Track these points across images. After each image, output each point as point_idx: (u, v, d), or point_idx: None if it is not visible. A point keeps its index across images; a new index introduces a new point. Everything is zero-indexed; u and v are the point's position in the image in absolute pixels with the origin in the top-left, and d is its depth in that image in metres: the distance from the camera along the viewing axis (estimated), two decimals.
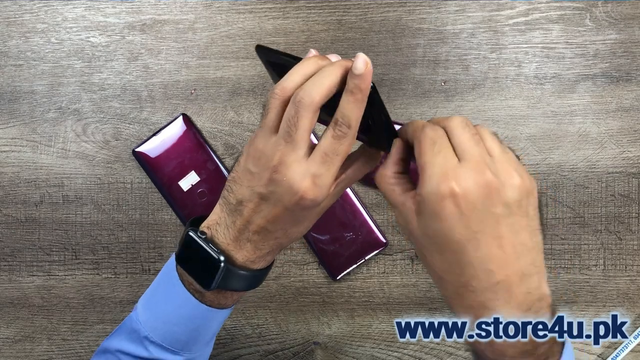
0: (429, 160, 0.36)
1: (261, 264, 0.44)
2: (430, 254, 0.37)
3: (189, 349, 0.48)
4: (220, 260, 0.41)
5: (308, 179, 0.38)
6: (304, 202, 0.39)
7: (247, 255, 0.43)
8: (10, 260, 0.68)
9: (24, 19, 0.67)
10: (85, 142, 0.68)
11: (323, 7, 0.67)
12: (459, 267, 0.36)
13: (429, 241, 0.37)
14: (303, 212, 0.41)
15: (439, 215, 0.35)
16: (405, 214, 0.37)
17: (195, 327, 0.46)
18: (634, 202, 0.66)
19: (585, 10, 0.66)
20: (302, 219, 0.42)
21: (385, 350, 0.68)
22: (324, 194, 0.39)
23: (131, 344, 0.48)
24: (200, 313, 0.45)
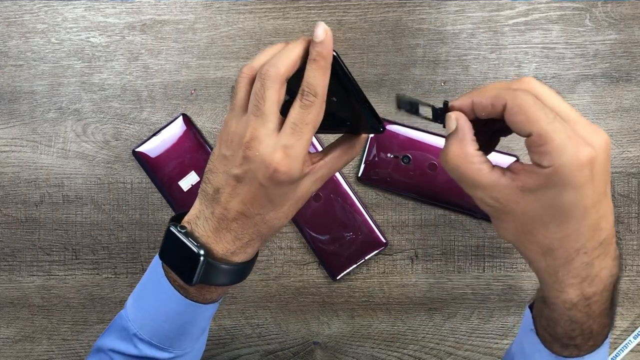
0: (550, 128, 0.33)
1: (242, 256, 0.43)
2: (547, 227, 0.35)
3: (178, 345, 0.47)
4: (200, 254, 0.41)
5: (279, 151, 0.38)
6: (277, 176, 0.38)
7: (227, 247, 0.42)
8: (10, 260, 0.68)
9: (24, 19, 0.67)
10: (86, 142, 0.68)
11: (323, 7, 0.67)
12: (577, 233, 0.35)
13: (550, 213, 0.34)
14: (278, 190, 0.40)
15: (575, 184, 0.33)
16: (502, 193, 0.35)
17: (182, 323, 0.46)
18: (633, 202, 0.66)
19: (585, 11, 0.66)
20: (278, 201, 0.41)
21: (385, 350, 0.68)
22: (297, 167, 0.39)
23: (122, 342, 0.48)
24: (186, 309, 0.45)
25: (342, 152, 0.42)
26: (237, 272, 0.44)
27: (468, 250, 0.67)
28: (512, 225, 0.36)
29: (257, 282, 0.68)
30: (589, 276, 0.37)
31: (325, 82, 0.38)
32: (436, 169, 0.65)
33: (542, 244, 0.36)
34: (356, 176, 0.66)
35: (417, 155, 0.65)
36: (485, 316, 0.67)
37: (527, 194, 0.34)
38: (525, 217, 0.35)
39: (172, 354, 0.47)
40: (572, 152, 0.33)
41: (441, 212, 0.67)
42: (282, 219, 0.42)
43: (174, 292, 0.44)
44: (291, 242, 0.68)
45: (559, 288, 0.38)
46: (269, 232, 0.43)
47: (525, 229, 0.36)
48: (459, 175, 0.37)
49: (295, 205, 0.42)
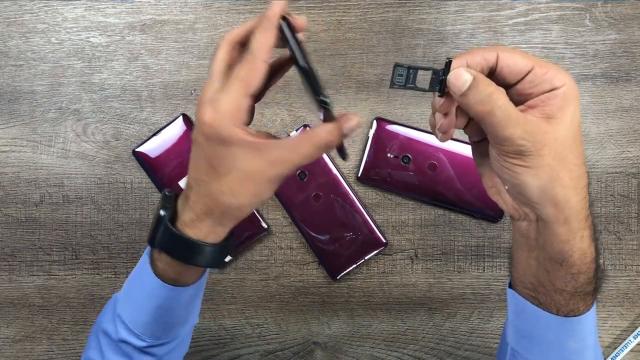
0: (543, 61, 0.37)
1: (195, 231, 0.42)
2: (573, 151, 0.37)
3: (152, 333, 0.47)
4: (161, 214, 0.42)
5: (208, 105, 0.39)
6: (205, 129, 0.39)
7: (185, 217, 0.42)
8: (10, 260, 0.68)
9: (24, 19, 0.68)
10: (86, 142, 0.68)
11: (323, 7, 0.67)
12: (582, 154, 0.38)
13: (573, 135, 0.37)
14: (212, 149, 0.39)
15: (579, 100, 0.37)
16: (534, 125, 0.36)
17: (155, 306, 0.45)
18: (633, 202, 0.66)
19: (584, 11, 0.66)
20: (217, 164, 0.39)
21: (385, 350, 0.68)
22: (223, 121, 0.38)
23: (109, 323, 0.48)
24: (157, 290, 0.45)
25: (303, 137, 0.40)
26: (192, 248, 0.42)
27: (468, 250, 0.67)
28: (547, 161, 0.36)
29: (257, 282, 0.68)
30: (588, 201, 0.39)
31: (264, 42, 0.38)
32: (436, 169, 0.65)
33: (573, 173, 0.37)
34: (356, 176, 0.67)
35: (417, 155, 0.65)
36: (485, 316, 0.67)
37: (551, 121, 0.36)
38: (557, 144, 0.36)
39: (146, 342, 0.47)
40: (567, 73, 0.37)
41: (441, 212, 0.67)
42: (228, 194, 0.40)
43: (149, 271, 0.45)
44: (291, 242, 0.68)
45: (583, 226, 0.38)
46: (217, 209, 0.41)
47: (560, 159, 0.37)
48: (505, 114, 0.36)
49: (244, 183, 0.40)
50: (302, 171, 0.66)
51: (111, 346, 0.48)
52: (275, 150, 0.39)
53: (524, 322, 0.44)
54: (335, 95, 0.67)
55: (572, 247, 0.38)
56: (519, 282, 0.43)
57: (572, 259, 0.39)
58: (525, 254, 0.41)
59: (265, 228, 0.66)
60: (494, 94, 0.36)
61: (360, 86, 0.67)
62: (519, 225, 0.41)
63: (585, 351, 0.43)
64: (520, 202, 0.40)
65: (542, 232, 0.39)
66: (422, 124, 0.66)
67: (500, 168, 0.38)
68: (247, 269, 0.68)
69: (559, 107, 0.36)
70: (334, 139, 0.40)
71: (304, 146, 0.39)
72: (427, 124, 0.66)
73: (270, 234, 0.67)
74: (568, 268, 0.39)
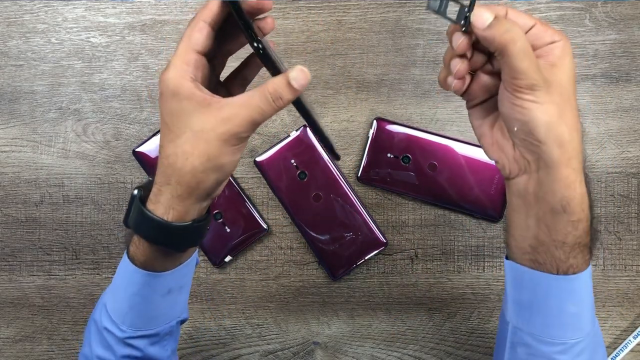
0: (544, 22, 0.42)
1: (156, 205, 0.42)
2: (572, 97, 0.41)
3: (130, 323, 0.46)
4: (133, 193, 0.43)
5: (165, 68, 0.42)
6: (159, 87, 0.41)
7: (150, 196, 0.42)
8: (10, 260, 0.68)
9: (24, 19, 0.68)
10: (86, 142, 0.68)
11: (323, 7, 0.67)
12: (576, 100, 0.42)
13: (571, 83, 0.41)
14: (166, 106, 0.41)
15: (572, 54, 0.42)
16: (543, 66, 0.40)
17: (131, 293, 0.45)
18: (633, 202, 0.66)
19: (584, 11, 0.66)
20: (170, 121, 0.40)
21: (385, 350, 0.68)
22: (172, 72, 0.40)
23: (98, 311, 0.49)
24: (132, 275, 0.45)
25: (253, 91, 0.40)
26: (154, 225, 0.42)
27: (468, 250, 0.67)
28: (555, 98, 0.40)
29: (257, 282, 0.68)
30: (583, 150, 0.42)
31: (208, 7, 0.41)
32: (436, 169, 0.65)
33: (575, 116, 0.41)
34: (356, 176, 0.67)
35: (417, 155, 0.65)
36: (485, 316, 0.67)
37: (555, 67, 0.40)
38: (561, 86, 0.40)
39: (125, 332, 0.46)
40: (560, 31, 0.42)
41: (441, 212, 0.67)
42: (181, 159, 0.40)
43: (125, 257, 0.45)
44: (291, 242, 0.68)
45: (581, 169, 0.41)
46: (173, 176, 0.40)
47: (565, 100, 0.40)
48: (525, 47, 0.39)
49: (195, 143, 0.39)
50: (302, 171, 0.66)
51: (97, 336, 0.48)
52: (226, 107, 0.40)
53: (524, 292, 0.45)
54: (335, 95, 0.67)
55: (574, 191, 0.40)
56: (517, 249, 0.44)
57: (574, 203, 0.41)
58: (523, 216, 0.43)
59: (265, 228, 0.66)
60: (514, 29, 0.39)
61: (360, 86, 0.67)
62: (517, 183, 0.43)
63: (582, 315, 0.44)
64: (524, 149, 0.41)
65: (544, 181, 0.41)
66: (422, 124, 0.66)
67: (511, 107, 0.40)
68: (247, 269, 0.68)
69: (559, 57, 0.40)
70: (283, 89, 0.39)
71: (253, 100, 0.40)
72: (427, 124, 0.66)
73: (270, 234, 0.68)
74: (569, 216, 0.41)
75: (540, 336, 0.44)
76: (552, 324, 0.44)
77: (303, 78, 0.39)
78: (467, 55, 0.42)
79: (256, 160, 0.66)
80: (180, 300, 0.49)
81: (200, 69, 0.41)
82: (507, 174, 0.43)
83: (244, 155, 0.67)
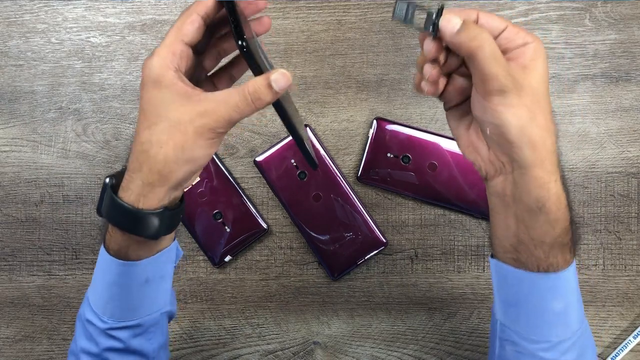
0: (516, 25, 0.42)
1: (127, 193, 0.42)
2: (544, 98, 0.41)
3: (110, 313, 0.46)
4: (105, 182, 0.43)
5: (150, 55, 0.41)
6: (142, 73, 0.41)
7: (122, 183, 0.42)
8: (10, 260, 0.68)
9: (24, 19, 0.68)
10: (86, 142, 0.68)
11: (323, 7, 0.67)
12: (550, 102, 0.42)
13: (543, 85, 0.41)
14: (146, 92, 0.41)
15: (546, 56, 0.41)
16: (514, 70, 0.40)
17: (108, 283, 0.45)
18: (633, 202, 0.66)
19: (584, 11, 0.66)
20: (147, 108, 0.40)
21: (385, 350, 0.68)
22: (157, 61, 0.40)
23: (83, 305, 0.49)
24: (108, 265, 0.45)
25: (233, 89, 0.40)
26: (125, 213, 0.42)
27: (468, 250, 0.67)
28: (526, 101, 0.40)
29: (257, 282, 0.68)
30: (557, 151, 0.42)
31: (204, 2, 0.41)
32: (436, 169, 0.65)
33: (547, 118, 0.41)
34: (356, 176, 0.67)
35: (417, 155, 0.65)
36: (485, 316, 0.67)
37: (526, 70, 0.40)
38: (532, 89, 0.40)
39: (106, 323, 0.46)
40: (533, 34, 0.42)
41: (441, 212, 0.67)
42: (155, 147, 0.40)
43: (102, 248, 0.45)
44: (291, 242, 0.68)
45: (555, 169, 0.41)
46: (145, 163, 0.41)
47: (536, 103, 0.40)
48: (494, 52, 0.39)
49: (170, 133, 0.40)
50: (302, 171, 0.66)
51: (82, 329, 0.48)
52: (206, 101, 0.40)
53: (509, 290, 0.45)
54: (335, 95, 0.67)
55: (548, 192, 0.40)
56: (500, 248, 0.45)
57: (549, 203, 0.41)
58: (502, 216, 0.43)
59: (265, 228, 0.66)
60: (483, 32, 0.39)
61: (360, 86, 0.67)
62: (495, 185, 0.43)
63: (569, 313, 0.44)
64: (498, 151, 0.41)
65: (519, 182, 0.41)
66: (422, 124, 0.66)
67: (483, 110, 0.40)
68: (247, 269, 0.68)
69: (531, 59, 0.40)
70: (263, 91, 0.39)
71: (232, 98, 0.40)
72: (427, 124, 0.66)
73: (270, 234, 0.68)
74: (546, 216, 0.41)
75: (525, 334, 0.44)
76: (537, 323, 0.44)
77: (284, 81, 0.39)
78: (440, 60, 0.42)
79: (256, 160, 0.66)
80: (161, 290, 0.48)
81: (185, 60, 0.41)
82: (484, 175, 0.44)
83: (244, 155, 0.67)
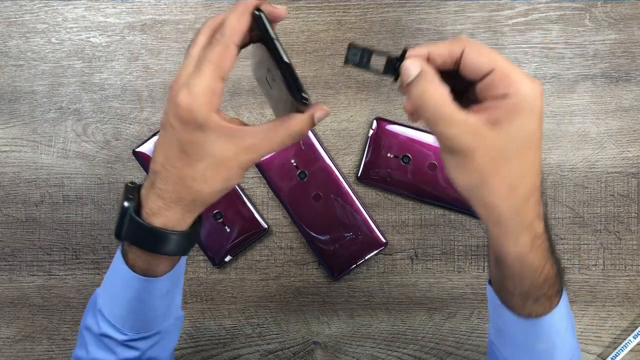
0: (509, 65, 0.36)
1: (162, 219, 0.41)
2: (510, 162, 0.36)
3: (130, 326, 0.46)
4: (125, 206, 0.42)
5: (184, 89, 0.38)
6: (180, 112, 0.38)
7: (151, 205, 0.41)
8: (10, 260, 0.69)
9: (24, 19, 0.68)
10: (86, 142, 0.68)
11: (323, 7, 0.67)
12: (534, 168, 0.37)
13: (515, 146, 0.36)
14: (187, 134, 0.39)
15: (536, 111, 0.36)
16: (474, 129, 0.36)
17: (129, 298, 0.45)
18: (633, 202, 0.66)
19: (584, 11, 0.66)
20: (191, 151, 0.39)
21: (385, 350, 0.68)
22: (198, 104, 0.38)
23: (92, 318, 0.48)
24: (129, 281, 0.44)
25: (277, 125, 0.40)
26: (160, 237, 0.42)
27: (468, 250, 0.67)
28: (477, 165, 0.36)
29: (257, 282, 0.68)
30: (539, 214, 0.38)
31: (237, 25, 0.38)
32: (436, 169, 0.65)
33: (507, 181, 0.37)
34: (356, 176, 0.67)
35: (417, 155, 0.65)
36: (485, 316, 0.67)
37: (495, 127, 0.36)
38: (493, 151, 0.36)
39: (126, 335, 0.46)
40: (530, 83, 0.36)
41: (441, 212, 0.67)
42: (200, 181, 0.40)
43: (121, 262, 0.45)
44: (291, 242, 0.68)
45: (517, 232, 0.38)
46: (188, 196, 0.41)
47: (492, 165, 0.36)
48: (436, 113, 0.36)
49: (217, 169, 0.40)
50: (302, 171, 0.66)
51: (94, 341, 0.47)
52: (250, 137, 0.40)
53: (498, 318, 0.45)
54: (335, 95, 0.67)
55: (506, 249, 0.38)
56: (492, 278, 0.44)
57: (508, 261, 0.39)
58: (490, 251, 0.42)
59: (265, 228, 0.66)
60: (427, 92, 0.36)
61: (360, 86, 0.67)
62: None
63: (555, 351, 0.43)
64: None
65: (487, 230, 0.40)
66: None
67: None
68: (247, 269, 0.68)
69: (505, 115, 0.35)
70: (306, 128, 0.41)
71: (278, 135, 0.40)
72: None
73: (270, 233, 0.68)
74: (507, 269, 0.39)
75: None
76: (522, 356, 0.44)
77: (324, 115, 0.41)
78: None
79: None
80: (176, 297, 0.49)
81: (222, 94, 0.40)
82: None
83: None
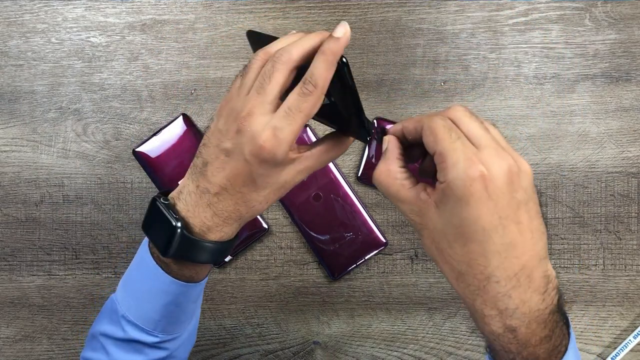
0: (449, 147, 0.36)
1: (218, 234, 0.43)
2: (452, 247, 0.36)
3: (162, 329, 0.47)
4: (177, 226, 0.42)
5: (269, 130, 0.38)
6: (262, 153, 0.39)
7: (205, 222, 0.42)
8: (10, 260, 0.68)
9: (24, 19, 0.68)
10: (86, 142, 0.68)
11: (323, 7, 0.67)
12: (484, 258, 0.36)
13: (453, 232, 0.36)
14: (262, 169, 0.40)
15: (468, 201, 0.35)
16: (420, 208, 0.38)
17: (165, 303, 0.46)
18: (633, 202, 0.66)
19: (584, 11, 0.66)
20: (261, 181, 0.41)
21: (385, 350, 0.68)
22: (283, 150, 0.39)
23: (111, 325, 0.48)
24: (167, 287, 0.45)
25: (329, 147, 0.43)
26: (214, 250, 0.43)
27: None
28: (433, 243, 0.38)
29: (257, 281, 0.68)
30: (507, 308, 0.36)
31: (328, 76, 0.38)
32: None
33: (453, 267, 0.37)
34: (356, 176, 0.67)
35: None
36: None
37: (436, 209, 0.37)
38: (435, 233, 0.37)
39: (157, 337, 0.47)
40: (462, 168, 0.35)
41: None
42: (262, 202, 0.43)
43: (157, 269, 0.45)
44: (291, 242, 0.68)
45: (480, 318, 0.37)
46: (248, 213, 0.43)
47: (438, 247, 0.37)
48: (384, 189, 0.40)
49: (278, 191, 0.43)
50: None
51: (117, 345, 0.48)
52: (306, 161, 0.42)
53: None
54: None
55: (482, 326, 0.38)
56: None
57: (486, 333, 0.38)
58: None
59: (265, 228, 0.66)
60: (377, 170, 0.40)
61: (360, 86, 0.67)
62: None
63: None
64: None
65: None
66: None
67: None
68: (247, 269, 0.68)
69: (439, 199, 0.36)
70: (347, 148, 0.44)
71: (328, 156, 0.43)
72: None
73: (270, 233, 0.68)
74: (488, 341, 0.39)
75: None
76: None
77: None
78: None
79: None
80: (200, 300, 0.51)
81: None
82: None
83: None
